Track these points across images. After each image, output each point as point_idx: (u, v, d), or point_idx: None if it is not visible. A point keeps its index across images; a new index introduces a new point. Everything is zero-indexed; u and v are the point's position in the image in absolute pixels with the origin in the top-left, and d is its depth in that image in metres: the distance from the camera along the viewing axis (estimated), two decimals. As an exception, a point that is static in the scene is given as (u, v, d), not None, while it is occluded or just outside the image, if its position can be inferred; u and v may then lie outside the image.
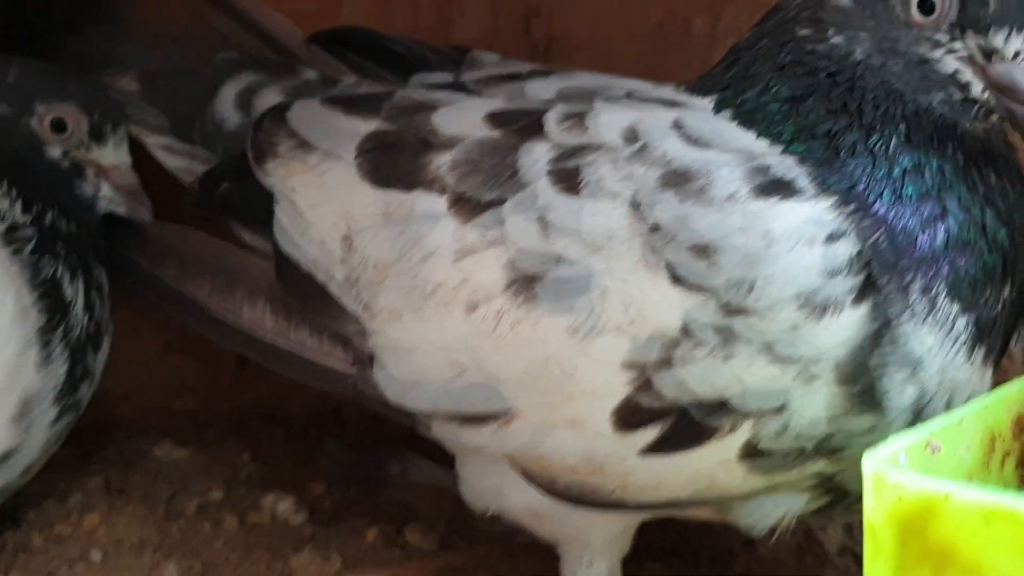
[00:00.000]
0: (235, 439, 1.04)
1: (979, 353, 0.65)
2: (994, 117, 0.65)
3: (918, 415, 0.64)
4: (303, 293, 0.73)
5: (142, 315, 0.97)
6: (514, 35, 1.03)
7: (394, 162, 0.70)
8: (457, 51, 0.84)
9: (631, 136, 0.66)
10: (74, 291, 0.75)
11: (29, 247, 0.73)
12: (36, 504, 0.90)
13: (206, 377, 1.07)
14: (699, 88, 0.71)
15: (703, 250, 0.63)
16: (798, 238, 0.62)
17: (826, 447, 0.64)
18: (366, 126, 0.72)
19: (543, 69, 0.79)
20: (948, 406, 0.64)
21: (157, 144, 0.83)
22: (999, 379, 0.68)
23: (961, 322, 0.64)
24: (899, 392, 0.63)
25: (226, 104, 0.81)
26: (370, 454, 0.95)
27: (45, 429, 0.74)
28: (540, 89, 0.72)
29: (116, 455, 1.00)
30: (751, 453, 0.64)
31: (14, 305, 0.71)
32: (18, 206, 0.74)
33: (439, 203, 0.68)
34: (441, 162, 0.69)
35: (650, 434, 0.65)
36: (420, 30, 1.04)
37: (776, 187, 0.63)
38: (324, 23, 1.01)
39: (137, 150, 0.84)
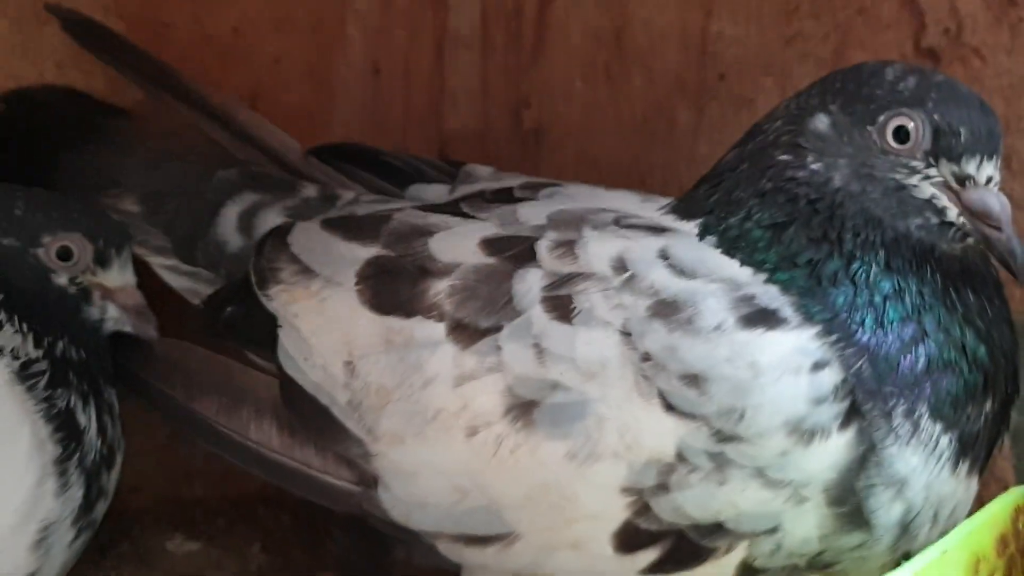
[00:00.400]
0: (244, 527, 1.06)
1: (963, 466, 0.67)
2: (970, 240, 0.67)
3: (905, 529, 0.66)
4: (307, 415, 0.75)
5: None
6: (504, 125, 1.06)
7: (393, 289, 0.73)
8: (451, 164, 0.86)
9: (620, 266, 0.69)
10: (87, 418, 0.77)
11: (43, 381, 0.75)
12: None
13: (213, 463, 1.09)
14: (684, 211, 0.73)
15: (693, 379, 0.65)
16: (784, 368, 0.65)
17: (818, 563, 0.67)
18: (365, 252, 0.75)
19: (533, 183, 0.81)
20: (934, 519, 0.67)
21: (160, 265, 0.85)
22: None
23: (944, 440, 0.66)
24: (886, 511, 0.65)
25: (227, 226, 0.83)
26: (375, 539, 0.97)
27: (63, 551, 0.76)
28: (531, 214, 0.74)
29: (130, 550, 1.02)
30: (747, 571, 0.67)
31: (31, 439, 0.73)
32: (30, 341, 0.76)
33: (438, 330, 0.71)
34: (439, 289, 0.71)
35: (650, 555, 0.67)
36: (412, 120, 1.06)
37: (762, 317, 0.66)
38: (319, 116, 1.04)
39: (141, 267, 0.86)
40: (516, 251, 0.71)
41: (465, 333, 0.70)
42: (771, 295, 0.67)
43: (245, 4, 0.98)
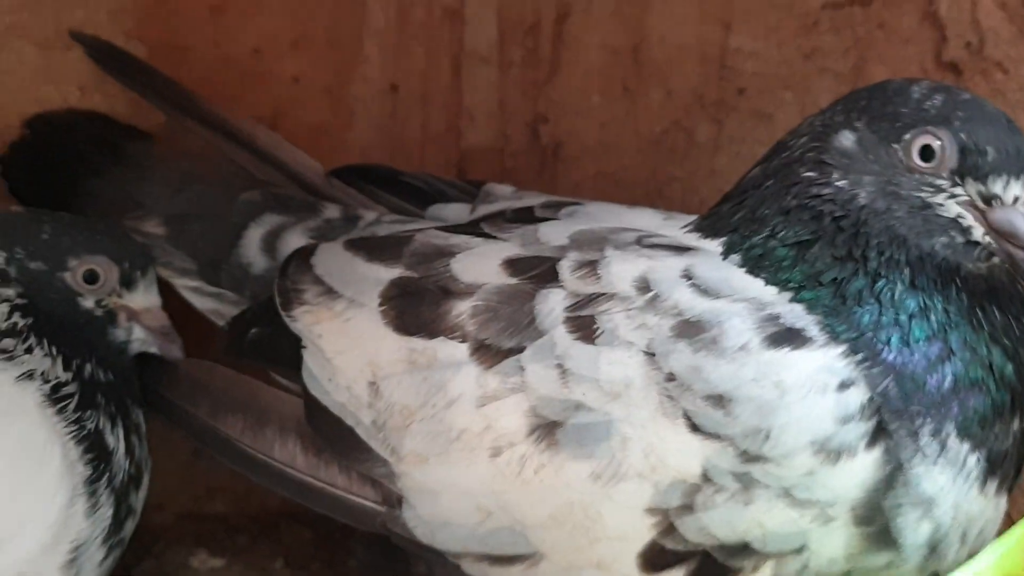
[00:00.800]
0: (267, 543, 1.07)
1: (992, 485, 0.67)
2: (995, 259, 0.67)
3: (933, 549, 0.66)
4: (332, 435, 0.75)
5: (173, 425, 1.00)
6: (522, 141, 1.06)
7: (416, 310, 0.73)
8: (471, 184, 0.87)
9: (643, 286, 0.69)
10: (115, 439, 0.78)
11: (73, 404, 0.76)
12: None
13: (235, 481, 1.09)
14: (708, 229, 0.73)
15: (718, 400, 0.65)
16: (810, 387, 0.65)
17: (845, 582, 0.67)
18: (388, 273, 0.75)
19: (555, 201, 0.81)
20: (963, 538, 0.67)
21: (185, 286, 0.85)
22: None
23: (972, 459, 0.66)
24: (914, 530, 0.65)
25: (251, 248, 0.83)
26: (396, 555, 0.97)
27: (94, 569, 0.77)
28: (553, 233, 0.75)
29: (154, 567, 1.02)
30: (774, 591, 0.67)
31: (61, 461, 0.73)
32: (59, 364, 0.76)
33: (461, 350, 0.71)
34: (461, 310, 0.72)
35: (676, 575, 0.67)
36: (430, 137, 1.07)
37: (787, 337, 0.66)
38: (337, 135, 1.04)
39: (165, 288, 0.87)
40: (538, 271, 0.71)
41: (488, 353, 0.70)
42: (796, 314, 0.67)
43: (264, 25, 0.99)
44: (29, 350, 0.76)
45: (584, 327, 0.69)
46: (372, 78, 1.03)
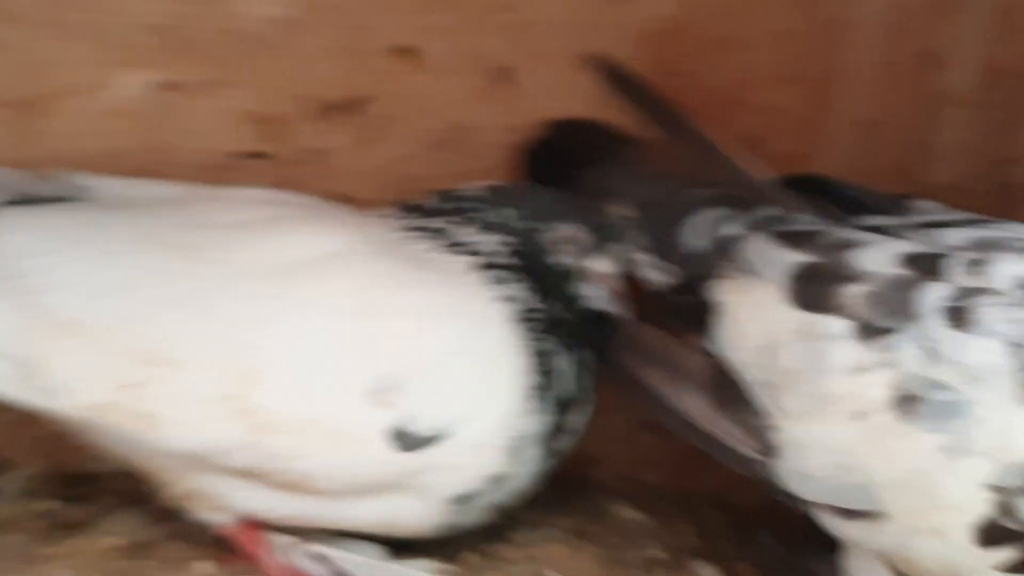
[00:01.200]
0: (686, 515, 1.18)
1: None
2: None
3: None
4: (730, 389, 0.87)
5: (621, 395, 1.17)
6: (987, 181, 1.09)
7: (815, 289, 0.83)
8: (905, 198, 0.94)
9: (1022, 284, 0.73)
10: (563, 363, 0.96)
11: (537, 326, 0.95)
12: (499, 533, 1.08)
13: (672, 458, 1.23)
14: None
15: (1073, 390, 0.68)
16: None
17: None
18: (797, 257, 0.86)
19: (975, 218, 0.86)
20: None
21: (640, 260, 1.02)
22: None
23: None
24: None
25: (696, 232, 0.98)
26: (801, 554, 1.05)
27: (532, 464, 0.95)
28: (953, 237, 0.81)
29: (582, 507, 1.19)
30: (1109, 587, 0.67)
31: (521, 364, 0.93)
32: (534, 297, 0.96)
33: (844, 326, 0.80)
34: (852, 292, 0.81)
35: (1006, 554, 0.70)
36: (896, 171, 1.13)
37: None
38: (807, 163, 1.13)
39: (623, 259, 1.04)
40: (927, 265, 0.78)
41: (867, 331, 0.78)
42: None
43: (753, 60, 1.12)
44: (516, 281, 0.97)
45: (958, 316, 0.75)
46: (846, 113, 1.11)
